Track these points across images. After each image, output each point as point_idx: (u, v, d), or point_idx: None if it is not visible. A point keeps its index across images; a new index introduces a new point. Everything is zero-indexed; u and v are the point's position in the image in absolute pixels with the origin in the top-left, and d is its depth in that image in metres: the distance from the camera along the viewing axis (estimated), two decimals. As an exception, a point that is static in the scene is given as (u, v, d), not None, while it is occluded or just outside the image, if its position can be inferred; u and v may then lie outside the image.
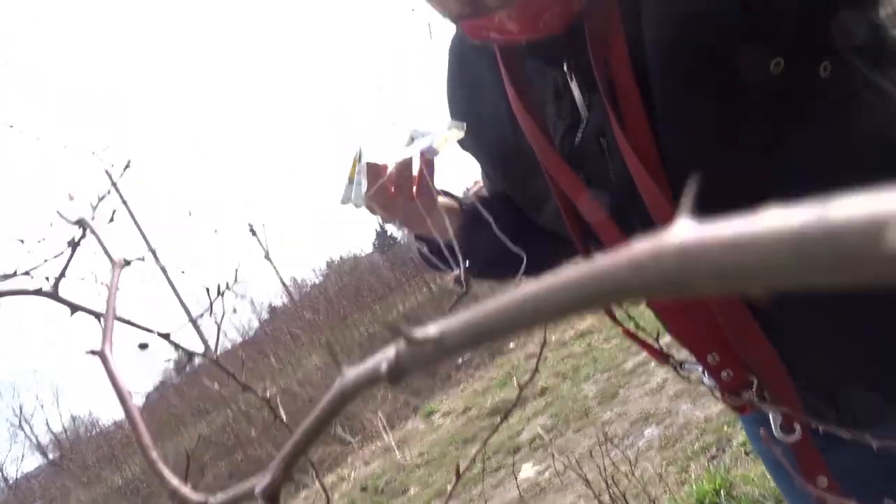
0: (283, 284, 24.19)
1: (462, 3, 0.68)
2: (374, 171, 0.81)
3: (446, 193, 0.95)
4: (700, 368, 0.83)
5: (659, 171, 0.69)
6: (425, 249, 0.90)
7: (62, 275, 0.38)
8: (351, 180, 0.83)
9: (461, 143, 0.91)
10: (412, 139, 0.80)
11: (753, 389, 0.77)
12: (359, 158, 0.83)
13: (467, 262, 0.81)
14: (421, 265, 0.97)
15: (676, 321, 0.80)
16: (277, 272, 23.43)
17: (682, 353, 0.91)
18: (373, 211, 0.85)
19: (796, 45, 0.64)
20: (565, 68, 0.74)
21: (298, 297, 21.92)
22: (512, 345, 8.19)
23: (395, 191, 0.82)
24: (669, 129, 0.69)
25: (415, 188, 0.82)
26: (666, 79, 0.68)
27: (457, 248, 0.82)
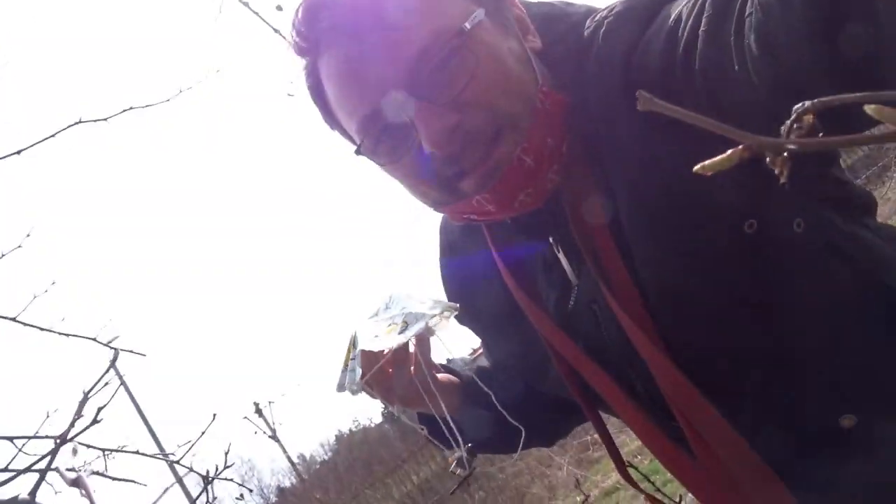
0: (292, 463, 23.31)
1: (440, 191, 0.72)
2: (369, 357, 0.82)
3: (446, 368, 0.96)
4: None
5: (653, 332, 0.70)
6: (425, 432, 0.91)
7: (40, 482, 0.37)
8: (346, 367, 0.84)
9: (458, 318, 0.91)
10: (406, 324, 0.80)
11: None
12: (353, 345, 0.84)
13: (467, 437, 0.84)
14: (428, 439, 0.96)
15: (699, 485, 0.77)
16: (285, 451, 22.69)
17: None
18: (372, 396, 0.86)
19: (770, 206, 0.66)
20: (551, 241, 0.76)
21: (308, 475, 21.04)
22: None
23: (393, 375, 0.83)
24: (653, 294, 0.71)
25: (412, 368, 0.83)
26: (641, 245, 0.69)
27: (455, 430, 0.84)
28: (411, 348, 0.83)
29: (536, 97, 0.68)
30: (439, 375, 0.91)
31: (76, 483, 0.46)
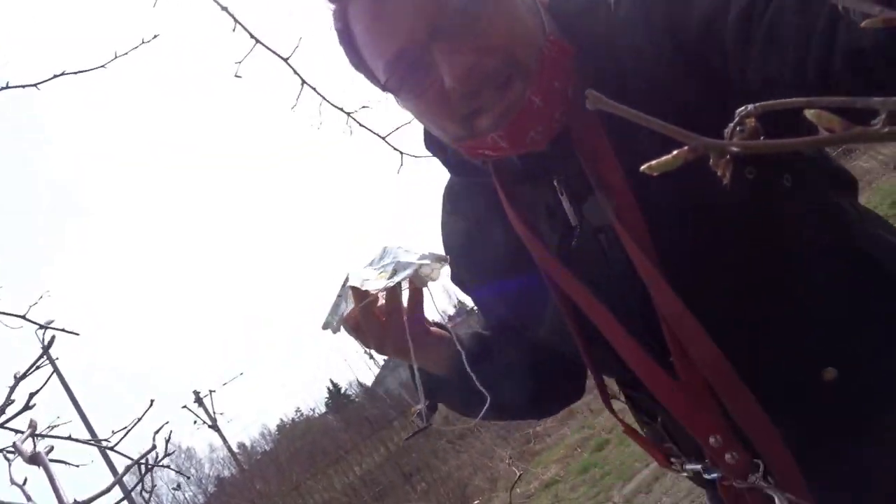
0: (232, 453, 22.97)
1: (459, 127, 0.79)
2: (358, 295, 0.86)
3: (438, 325, 0.99)
4: (699, 466, 0.82)
5: (655, 258, 0.75)
6: (411, 377, 0.95)
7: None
8: (334, 306, 0.88)
9: (453, 278, 1.01)
10: (395, 272, 0.84)
11: (760, 473, 0.76)
12: (344, 284, 0.87)
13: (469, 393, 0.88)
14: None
15: (678, 404, 0.79)
16: (225, 440, 22.34)
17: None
18: (352, 335, 0.91)
19: (763, 158, 0.73)
20: (555, 183, 0.82)
21: (248, 465, 20.75)
22: (477, 502, 7.83)
23: (386, 318, 0.88)
24: (660, 227, 0.76)
25: (405, 317, 0.87)
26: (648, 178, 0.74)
27: (419, 384, 0.90)
28: (405, 301, 0.87)
29: (544, 44, 0.75)
30: (432, 329, 0.95)
31: (34, 460, 0.45)
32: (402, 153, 1.43)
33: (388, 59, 0.77)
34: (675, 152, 0.25)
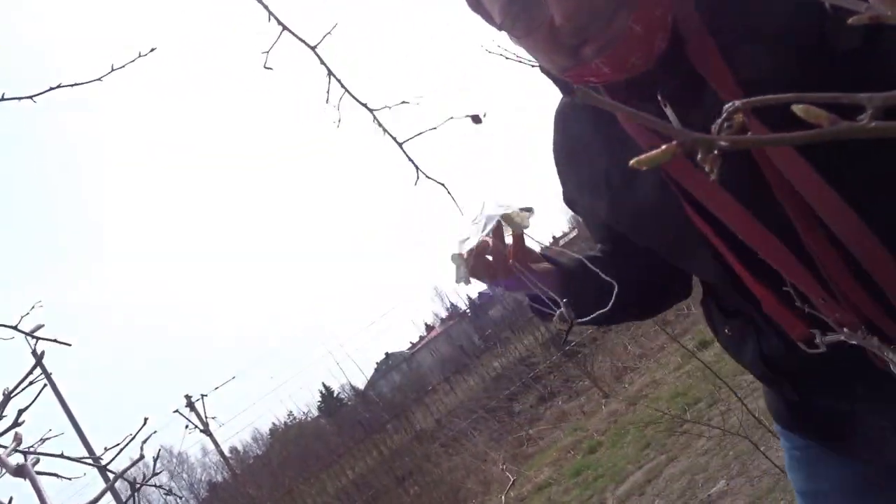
0: (224, 458, 22.86)
1: (565, 57, 0.86)
2: (480, 249, 1.03)
3: (545, 257, 1.12)
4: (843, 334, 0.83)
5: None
6: (527, 302, 1.11)
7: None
8: (456, 266, 1.07)
9: (566, 198, 1.13)
10: (485, 225, 1.03)
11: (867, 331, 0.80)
12: (462, 243, 1.06)
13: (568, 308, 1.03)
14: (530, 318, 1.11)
15: (798, 274, 0.83)
16: (217, 445, 22.23)
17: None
18: (481, 281, 1.06)
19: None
20: (659, 98, 0.88)
21: (240, 470, 20.65)
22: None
23: (494, 264, 1.03)
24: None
25: (511, 259, 1.02)
26: (751, 67, 0.82)
27: (555, 296, 1.02)
28: (508, 240, 1.05)
29: None
30: (540, 264, 1.08)
31: (20, 472, 0.44)
32: (416, 166, 1.38)
33: (504, 2, 0.86)
34: (663, 147, 0.25)
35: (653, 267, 1.05)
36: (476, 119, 1.25)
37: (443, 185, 1.41)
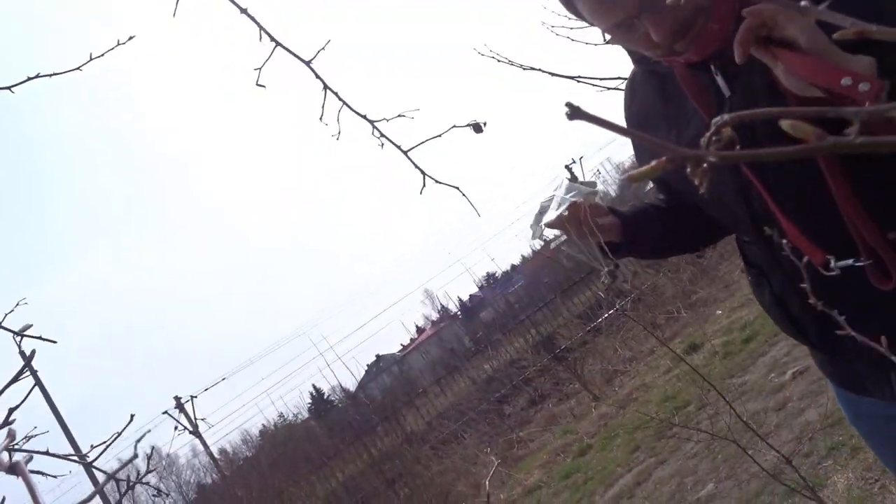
0: (213, 459, 22.75)
1: (660, 53, 1.09)
2: (573, 208, 1.30)
3: (612, 210, 1.36)
4: (850, 261, 1.04)
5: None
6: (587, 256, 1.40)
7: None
8: (535, 224, 1.35)
9: (636, 156, 1.41)
10: (559, 205, 1.29)
11: None
12: (537, 215, 1.35)
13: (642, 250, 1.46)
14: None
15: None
16: (207, 447, 22.13)
17: None
18: (553, 229, 1.35)
19: None
20: (712, 68, 1.09)
21: (230, 471, 20.54)
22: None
23: (573, 226, 1.31)
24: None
25: (583, 220, 1.30)
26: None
27: (606, 250, 1.30)
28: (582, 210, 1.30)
29: None
30: (606, 219, 1.33)
31: (14, 469, 0.44)
32: (423, 173, 1.38)
33: (608, 26, 1.10)
34: (653, 162, 0.25)
35: (699, 215, 1.30)
36: (477, 128, 1.27)
37: (457, 188, 1.42)
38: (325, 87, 1.30)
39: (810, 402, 4.36)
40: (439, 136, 1.34)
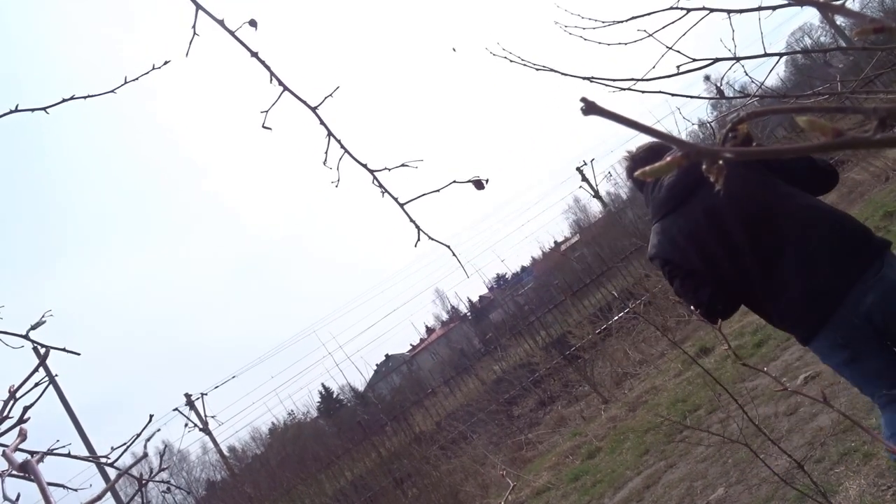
0: (223, 457, 22.85)
1: None
2: None
3: None
4: None
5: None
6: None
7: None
8: None
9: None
10: None
11: None
12: None
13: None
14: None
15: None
16: (216, 444, 22.23)
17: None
18: None
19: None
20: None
21: (239, 469, 20.64)
22: (467, 509, 7.80)
23: None
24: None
25: None
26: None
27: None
28: None
29: None
30: None
31: (24, 468, 0.44)
32: (419, 228, 1.38)
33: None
34: (668, 158, 0.25)
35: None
36: (479, 185, 1.25)
37: (447, 246, 1.43)
38: (329, 133, 1.32)
39: (822, 408, 4.33)
40: (437, 191, 1.34)
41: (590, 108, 0.28)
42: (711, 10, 1.62)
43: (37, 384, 1.01)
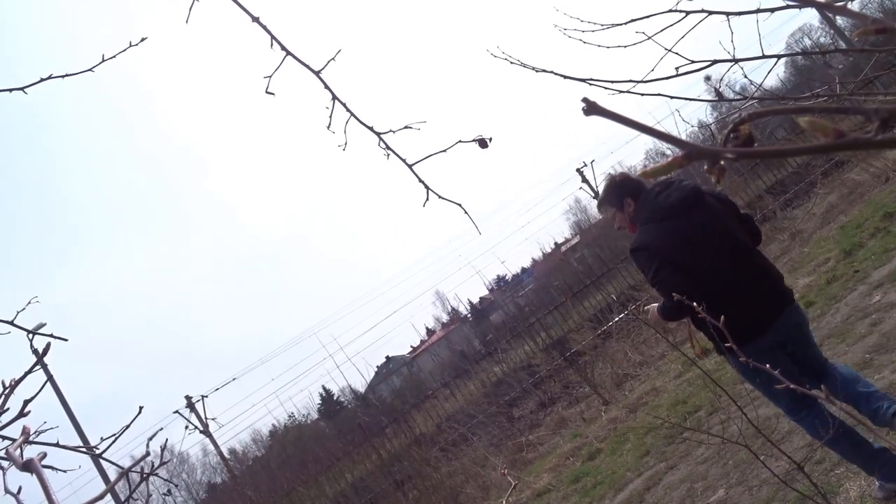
0: (223, 459, 22.84)
1: None
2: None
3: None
4: None
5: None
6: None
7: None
8: None
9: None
10: None
11: None
12: None
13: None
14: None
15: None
16: (217, 446, 22.21)
17: None
18: None
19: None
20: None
21: (239, 472, 20.63)
22: (467, 510, 7.79)
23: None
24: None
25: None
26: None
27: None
28: None
29: None
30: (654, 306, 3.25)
31: (28, 467, 0.45)
32: (427, 187, 1.37)
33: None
34: (669, 158, 0.25)
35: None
36: (483, 143, 1.25)
37: (459, 204, 1.41)
38: (334, 97, 1.31)
39: (823, 409, 4.33)
40: (444, 150, 1.34)
41: (591, 108, 0.27)
42: (710, 13, 1.62)
43: (30, 371, 1.01)
